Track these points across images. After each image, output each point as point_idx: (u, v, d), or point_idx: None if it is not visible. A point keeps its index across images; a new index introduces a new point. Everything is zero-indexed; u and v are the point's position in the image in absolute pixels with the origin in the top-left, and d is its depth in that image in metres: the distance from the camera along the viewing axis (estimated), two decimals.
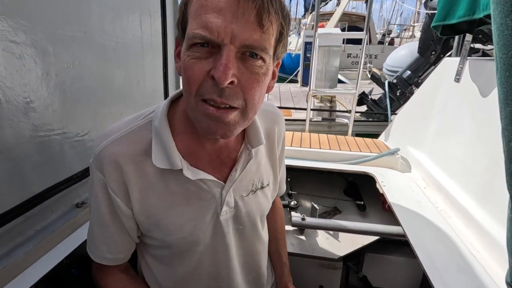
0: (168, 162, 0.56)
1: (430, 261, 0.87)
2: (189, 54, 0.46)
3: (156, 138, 0.56)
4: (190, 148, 0.59)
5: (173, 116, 0.59)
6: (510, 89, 0.45)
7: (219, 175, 0.62)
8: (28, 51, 0.70)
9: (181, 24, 0.49)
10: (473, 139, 1.11)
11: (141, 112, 0.61)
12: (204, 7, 0.43)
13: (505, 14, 0.42)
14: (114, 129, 0.58)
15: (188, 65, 0.46)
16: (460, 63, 1.22)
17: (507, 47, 0.43)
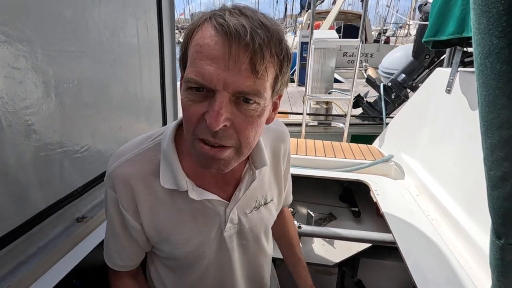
0: (174, 183, 0.59)
1: (419, 270, 0.91)
2: (187, 95, 0.48)
3: (164, 160, 0.60)
4: (196, 169, 0.61)
5: (180, 138, 0.61)
6: (490, 123, 0.48)
7: (223, 194, 0.65)
8: (28, 75, 0.72)
9: (182, 61, 0.51)
10: (463, 150, 1.14)
11: (151, 133, 0.65)
12: (199, 53, 0.45)
13: (484, 56, 0.45)
14: (125, 150, 0.62)
15: (185, 106, 0.48)
16: (451, 75, 1.25)
17: (487, 86, 0.46)
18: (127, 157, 0.61)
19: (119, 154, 0.62)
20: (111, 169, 0.60)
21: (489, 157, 0.51)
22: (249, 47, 0.43)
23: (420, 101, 1.60)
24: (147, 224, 0.63)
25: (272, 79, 0.49)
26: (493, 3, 0.41)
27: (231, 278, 0.72)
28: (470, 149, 1.09)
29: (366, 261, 1.45)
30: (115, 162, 0.61)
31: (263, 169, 0.70)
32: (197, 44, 0.46)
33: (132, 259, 0.69)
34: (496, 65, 0.43)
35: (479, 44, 0.46)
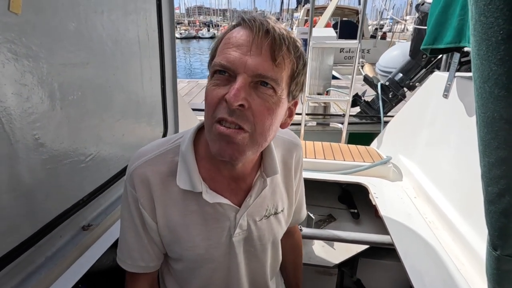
0: (190, 184, 0.62)
1: (416, 272, 0.94)
2: (211, 82, 0.53)
3: (182, 162, 0.63)
4: (210, 173, 0.64)
5: (198, 142, 0.65)
6: (488, 143, 0.50)
7: (234, 199, 0.67)
8: (35, 90, 0.72)
9: (210, 61, 0.56)
10: (459, 155, 1.17)
11: (171, 136, 0.69)
12: (227, 44, 0.52)
13: (483, 80, 0.47)
14: (146, 151, 0.66)
15: (209, 91, 0.53)
16: (449, 80, 1.27)
17: (485, 108, 0.48)
18: (148, 158, 0.64)
19: (140, 154, 0.65)
20: (132, 169, 0.64)
21: (487, 174, 0.53)
22: (269, 35, 0.49)
23: (418, 104, 1.62)
24: (161, 224, 0.65)
25: (288, 75, 0.53)
26: (492, 32, 0.43)
27: (236, 284, 0.74)
28: (466, 154, 1.12)
29: (365, 261, 1.49)
30: (136, 162, 0.64)
31: (274, 178, 0.72)
32: (226, 38, 0.53)
33: (153, 259, 0.70)
34: (495, 90, 0.45)
35: (478, 69, 0.48)
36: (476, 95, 0.50)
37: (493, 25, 0.42)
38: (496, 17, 0.42)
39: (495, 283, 0.60)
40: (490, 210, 0.55)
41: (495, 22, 0.42)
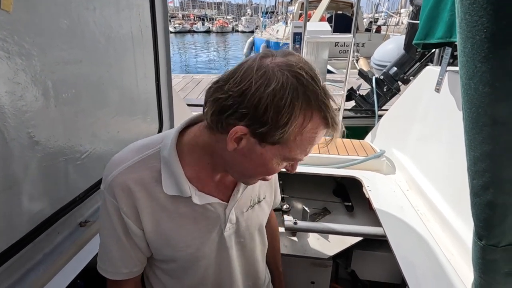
0: (177, 189, 0.62)
1: (408, 262, 0.97)
2: (279, 163, 0.57)
3: (165, 167, 0.62)
4: (198, 175, 0.65)
5: (181, 147, 0.64)
6: (473, 138, 0.52)
7: (222, 196, 0.69)
8: (29, 88, 0.72)
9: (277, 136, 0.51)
10: (450, 148, 1.19)
11: (148, 141, 0.66)
12: (311, 141, 0.55)
13: (469, 77, 0.48)
14: (123, 157, 0.63)
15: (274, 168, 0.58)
16: (440, 74, 1.29)
17: (471, 104, 0.50)
18: (127, 165, 0.61)
19: (118, 161, 0.63)
20: (111, 178, 0.61)
21: (472, 168, 0.55)
22: None
23: (411, 98, 1.64)
24: (149, 230, 0.64)
25: None
26: (477, 30, 0.44)
27: (229, 276, 0.77)
28: (457, 148, 1.14)
29: (359, 253, 1.52)
30: (114, 169, 0.61)
31: None
32: (310, 136, 0.53)
33: (136, 264, 0.70)
34: (479, 86, 0.47)
35: (464, 66, 0.49)
36: (462, 92, 0.52)
37: (477, 24, 0.43)
38: (480, 16, 0.43)
39: (480, 272, 0.63)
40: (476, 202, 0.57)
41: (479, 21, 0.43)
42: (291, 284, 1.51)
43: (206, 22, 51.38)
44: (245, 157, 0.56)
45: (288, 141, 0.52)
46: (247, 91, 0.49)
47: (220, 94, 0.52)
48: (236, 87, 0.50)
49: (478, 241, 0.60)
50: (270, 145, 0.53)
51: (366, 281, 1.60)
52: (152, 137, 0.68)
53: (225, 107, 0.51)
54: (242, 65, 0.52)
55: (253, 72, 0.50)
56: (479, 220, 0.57)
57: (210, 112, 0.54)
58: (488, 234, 0.57)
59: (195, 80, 7.36)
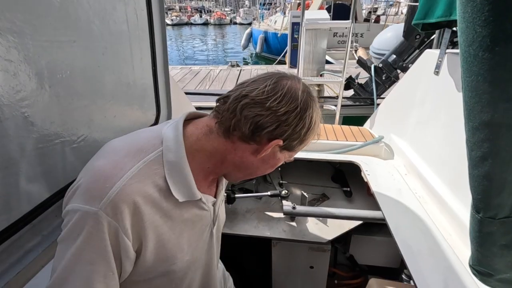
0: (188, 194, 0.60)
1: (406, 244, 0.98)
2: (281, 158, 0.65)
3: (172, 173, 0.57)
4: (198, 177, 0.63)
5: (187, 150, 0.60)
6: (472, 108, 0.52)
7: (212, 193, 0.70)
8: (21, 67, 0.71)
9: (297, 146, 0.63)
10: (448, 131, 1.19)
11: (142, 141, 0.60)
12: None
13: (468, 43, 0.48)
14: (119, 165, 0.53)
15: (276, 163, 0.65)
16: (440, 56, 1.28)
17: (470, 72, 0.49)
18: (132, 173, 0.52)
19: (114, 171, 0.52)
20: (114, 192, 0.50)
21: (470, 139, 0.55)
22: None
23: (410, 83, 1.63)
24: (150, 249, 0.57)
25: None
26: None
27: (213, 270, 0.78)
28: (455, 130, 1.14)
29: (357, 238, 1.53)
30: (115, 182, 0.50)
31: None
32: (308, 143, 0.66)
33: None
34: (479, 52, 0.46)
35: (463, 32, 0.48)
36: (461, 60, 0.51)
37: None
38: None
39: (477, 245, 0.63)
40: (474, 174, 0.57)
41: None
42: (290, 269, 1.53)
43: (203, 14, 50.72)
44: (263, 162, 0.63)
45: (296, 148, 0.64)
46: (291, 112, 0.57)
47: (260, 111, 0.56)
48: (281, 107, 0.57)
49: (475, 214, 0.60)
50: (288, 151, 0.64)
51: (365, 265, 1.62)
52: (140, 138, 0.62)
53: (265, 124, 0.57)
54: (279, 85, 0.58)
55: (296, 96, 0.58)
56: (477, 192, 0.57)
57: (246, 126, 0.57)
58: (486, 206, 0.57)
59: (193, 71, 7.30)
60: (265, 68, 8.03)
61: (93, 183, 0.52)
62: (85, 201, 0.51)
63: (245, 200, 1.60)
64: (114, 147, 0.60)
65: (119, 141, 0.63)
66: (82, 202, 0.51)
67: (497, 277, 0.64)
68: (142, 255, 0.57)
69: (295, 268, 1.52)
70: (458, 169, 1.11)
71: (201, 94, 4.50)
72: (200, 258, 0.72)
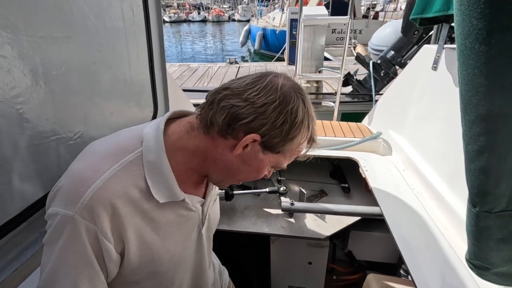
0: (169, 195, 0.58)
1: (404, 239, 0.98)
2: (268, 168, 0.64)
3: (152, 173, 0.56)
4: (179, 176, 0.60)
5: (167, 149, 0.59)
6: (468, 101, 0.51)
7: (199, 193, 0.68)
8: (15, 63, 0.70)
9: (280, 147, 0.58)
10: (446, 126, 1.19)
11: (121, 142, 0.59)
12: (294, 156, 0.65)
13: (464, 36, 0.47)
14: (97, 167, 0.53)
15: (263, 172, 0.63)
16: (437, 51, 1.27)
17: (466, 65, 0.49)
18: (108, 175, 0.51)
19: (89, 173, 0.52)
20: (88, 195, 0.49)
21: (467, 133, 0.55)
22: None
23: (408, 79, 1.63)
24: (133, 251, 0.56)
25: None
26: None
27: (203, 272, 0.77)
28: (453, 125, 1.14)
29: (356, 233, 1.53)
30: (91, 183, 0.50)
31: None
32: (301, 148, 0.63)
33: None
34: (475, 45, 0.46)
35: (460, 25, 0.48)
36: (458, 54, 0.51)
37: None
38: None
39: (474, 239, 0.63)
40: (470, 168, 0.57)
41: None
42: (289, 265, 1.53)
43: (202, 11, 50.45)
44: (244, 162, 0.59)
45: (286, 152, 0.60)
46: (269, 104, 0.54)
47: (237, 102, 0.54)
48: (258, 99, 0.54)
49: (472, 208, 0.60)
50: (272, 153, 0.59)
51: (363, 261, 1.63)
52: (120, 139, 0.61)
53: (241, 115, 0.54)
54: (262, 79, 0.56)
55: (276, 88, 0.55)
56: (474, 186, 0.57)
57: (221, 118, 0.55)
58: (482, 200, 0.57)
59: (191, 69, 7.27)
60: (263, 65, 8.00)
61: (69, 187, 0.52)
62: (63, 205, 0.51)
63: (244, 197, 1.60)
64: (93, 148, 0.59)
65: (100, 142, 0.62)
66: (60, 205, 0.51)
67: (494, 270, 0.64)
68: (126, 256, 0.56)
69: (294, 264, 1.53)
70: (456, 164, 1.11)
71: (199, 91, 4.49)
72: (189, 258, 0.70)
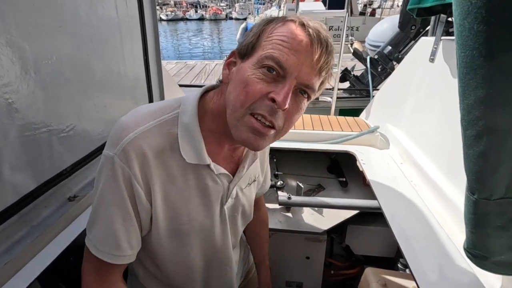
0: (197, 157, 0.60)
1: (402, 231, 0.97)
2: (255, 72, 0.53)
3: (185, 134, 0.59)
4: (211, 145, 0.63)
5: (200, 114, 0.62)
6: (467, 84, 0.50)
7: (229, 169, 0.68)
8: (4, 51, 0.69)
9: (251, 44, 0.56)
10: (443, 118, 1.18)
11: (163, 104, 0.63)
12: (285, 43, 0.52)
13: (463, 16, 0.46)
14: (137, 121, 0.57)
15: (251, 82, 0.53)
16: (435, 43, 1.26)
17: (465, 47, 0.48)
18: (144, 128, 0.56)
19: (130, 124, 0.57)
20: (127, 140, 0.55)
21: (465, 117, 0.54)
22: (324, 51, 0.53)
23: (405, 72, 1.62)
24: (158, 203, 0.60)
25: (319, 84, 0.58)
26: None
27: (225, 248, 0.77)
28: (450, 116, 1.13)
29: (353, 228, 1.52)
30: (130, 132, 0.55)
31: None
32: (282, 34, 0.53)
33: (139, 244, 0.63)
34: (474, 25, 0.45)
35: (458, 5, 0.47)
36: (456, 35, 0.50)
37: None
38: None
39: (472, 227, 0.62)
40: (468, 154, 0.56)
41: None
42: (286, 259, 1.52)
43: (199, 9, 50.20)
44: (233, 82, 0.57)
45: (259, 47, 0.55)
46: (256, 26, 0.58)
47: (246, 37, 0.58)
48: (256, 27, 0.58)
49: (470, 195, 0.59)
50: (248, 58, 0.56)
51: (361, 255, 1.62)
52: (164, 101, 0.65)
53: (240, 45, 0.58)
54: None
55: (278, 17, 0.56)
56: (472, 172, 0.56)
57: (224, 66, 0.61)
58: (481, 187, 0.56)
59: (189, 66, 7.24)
60: None
61: (113, 132, 0.58)
62: (107, 147, 0.57)
63: None
64: (140, 107, 0.63)
65: (148, 104, 0.66)
66: (106, 148, 0.57)
67: (492, 259, 0.63)
68: (153, 207, 0.60)
69: (292, 259, 1.52)
70: (453, 155, 1.10)
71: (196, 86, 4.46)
72: (210, 230, 0.70)
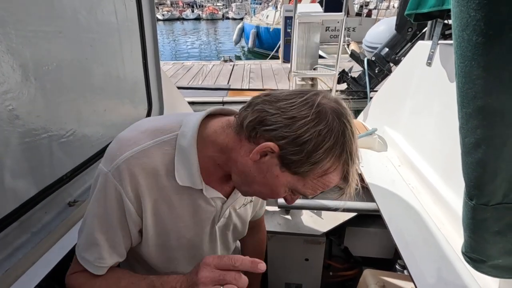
0: (190, 181, 0.61)
1: (400, 233, 0.98)
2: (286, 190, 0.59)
3: (181, 158, 0.60)
4: (207, 169, 0.63)
5: (199, 139, 0.61)
6: (465, 93, 0.51)
7: (222, 191, 0.69)
8: (4, 58, 0.69)
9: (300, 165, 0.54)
10: (441, 121, 1.20)
11: (164, 122, 0.63)
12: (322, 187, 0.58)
13: (462, 28, 0.47)
14: (135, 139, 0.59)
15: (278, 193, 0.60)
16: (432, 47, 1.28)
17: (464, 57, 0.49)
18: (141, 148, 0.58)
19: (129, 142, 0.58)
20: (122, 159, 0.56)
21: (464, 126, 0.55)
22: None
23: (402, 75, 1.63)
24: (148, 220, 0.62)
25: None
26: None
27: None
28: (448, 120, 1.14)
29: (352, 230, 1.54)
30: (126, 150, 0.57)
31: None
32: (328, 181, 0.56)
33: (123, 255, 0.66)
34: (473, 37, 0.46)
35: (457, 17, 0.48)
36: (455, 46, 0.51)
37: None
38: None
39: (470, 232, 0.63)
40: (467, 161, 0.57)
41: None
42: (286, 261, 1.53)
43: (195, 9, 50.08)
44: (260, 172, 0.57)
45: (307, 178, 0.55)
46: (298, 119, 0.52)
47: (269, 108, 0.54)
48: (289, 111, 0.52)
49: (468, 201, 0.60)
50: (290, 173, 0.55)
51: (359, 257, 1.63)
52: (165, 119, 0.65)
53: (267, 121, 0.53)
54: (302, 94, 0.55)
55: (311, 106, 0.52)
56: (470, 179, 0.57)
57: (250, 118, 0.55)
58: (479, 193, 0.57)
59: (186, 67, 7.22)
60: (258, 63, 7.97)
61: (111, 149, 0.59)
62: (104, 161, 0.59)
63: None
64: (141, 123, 0.64)
65: (148, 120, 0.67)
66: (103, 162, 0.60)
67: (490, 263, 0.64)
68: (143, 223, 0.63)
69: (291, 260, 1.52)
70: (451, 159, 1.11)
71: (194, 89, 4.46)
72: (200, 248, 0.73)
